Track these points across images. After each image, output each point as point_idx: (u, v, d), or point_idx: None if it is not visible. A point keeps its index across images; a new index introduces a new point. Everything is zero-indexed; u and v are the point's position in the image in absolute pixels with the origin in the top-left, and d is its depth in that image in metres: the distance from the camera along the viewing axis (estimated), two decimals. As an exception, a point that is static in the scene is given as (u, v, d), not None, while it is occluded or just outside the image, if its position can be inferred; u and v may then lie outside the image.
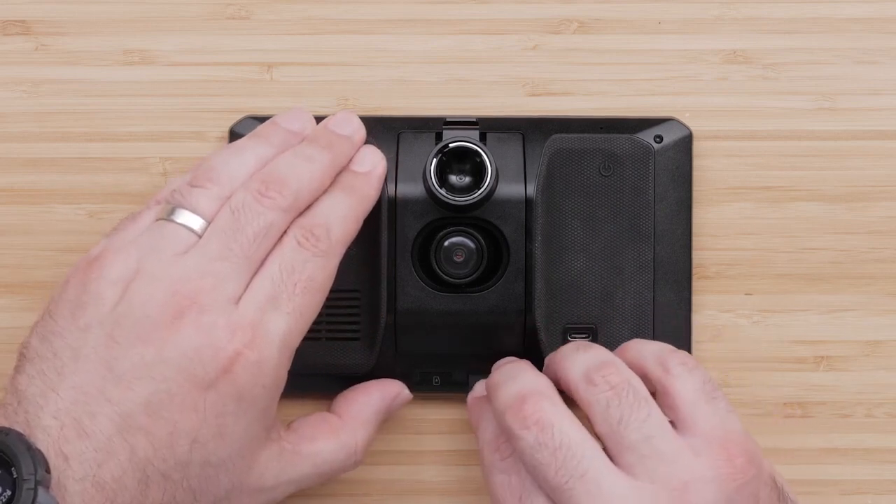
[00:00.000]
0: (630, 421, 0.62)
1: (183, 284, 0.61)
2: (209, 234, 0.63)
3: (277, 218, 0.63)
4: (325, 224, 0.64)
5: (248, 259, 0.62)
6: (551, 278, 0.69)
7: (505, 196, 0.68)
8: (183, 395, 0.60)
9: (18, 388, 0.61)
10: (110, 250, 0.63)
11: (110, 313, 0.61)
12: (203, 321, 0.61)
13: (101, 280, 0.62)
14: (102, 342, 0.61)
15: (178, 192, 0.64)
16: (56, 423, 0.60)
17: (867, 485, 0.71)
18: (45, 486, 0.58)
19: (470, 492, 0.71)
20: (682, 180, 0.70)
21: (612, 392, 0.62)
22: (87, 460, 0.59)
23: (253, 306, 0.62)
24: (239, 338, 0.61)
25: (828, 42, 0.71)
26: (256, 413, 0.62)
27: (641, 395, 0.62)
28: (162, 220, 0.63)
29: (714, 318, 0.71)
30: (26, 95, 0.71)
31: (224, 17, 0.72)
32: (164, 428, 0.60)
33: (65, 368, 0.61)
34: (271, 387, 0.62)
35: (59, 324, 0.62)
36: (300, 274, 0.63)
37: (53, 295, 0.63)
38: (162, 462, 0.60)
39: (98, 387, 0.60)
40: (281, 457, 0.65)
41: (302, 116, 0.67)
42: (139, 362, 0.60)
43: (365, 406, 0.68)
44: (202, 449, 0.61)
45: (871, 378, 0.71)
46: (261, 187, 0.63)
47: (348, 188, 0.66)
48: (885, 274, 0.71)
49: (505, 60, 0.72)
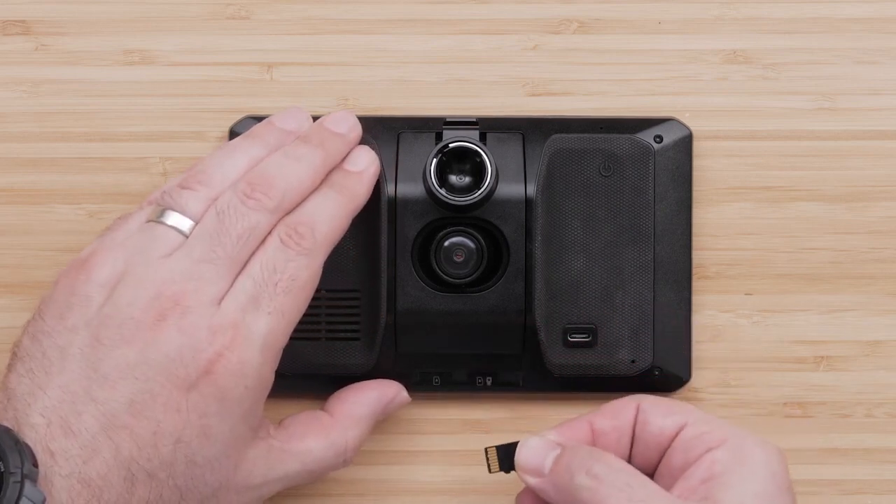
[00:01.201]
0: None
1: (167, 286, 0.62)
2: (195, 236, 0.63)
3: (263, 219, 0.63)
4: (311, 222, 0.64)
5: (232, 260, 0.63)
6: (551, 278, 0.69)
7: (505, 196, 0.68)
8: (165, 396, 0.61)
9: (8, 385, 0.62)
10: (99, 252, 0.63)
11: (96, 314, 0.62)
12: (185, 323, 0.61)
13: (88, 282, 0.63)
14: (88, 343, 0.61)
15: (168, 193, 0.64)
16: (43, 420, 0.61)
17: (867, 485, 0.71)
18: (32, 479, 0.59)
19: (470, 492, 0.71)
20: (682, 180, 0.70)
21: None
22: (72, 457, 0.60)
23: (234, 307, 0.62)
24: (219, 339, 0.61)
25: (828, 42, 0.71)
26: (241, 413, 0.63)
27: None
28: (151, 222, 0.64)
29: (714, 318, 0.71)
30: (26, 95, 0.71)
31: (224, 17, 0.72)
32: (147, 427, 0.61)
33: (52, 368, 0.62)
34: (255, 387, 0.63)
35: (49, 324, 0.62)
36: (282, 273, 0.63)
37: (45, 295, 0.64)
38: (147, 461, 0.61)
39: (84, 386, 0.61)
40: (269, 455, 0.65)
41: (298, 116, 0.67)
42: (123, 363, 0.61)
43: (357, 405, 0.68)
44: (186, 448, 0.61)
45: (871, 378, 0.71)
46: (247, 189, 0.63)
47: (338, 186, 0.66)
48: (885, 274, 0.71)
49: (505, 60, 0.72)
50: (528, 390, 0.70)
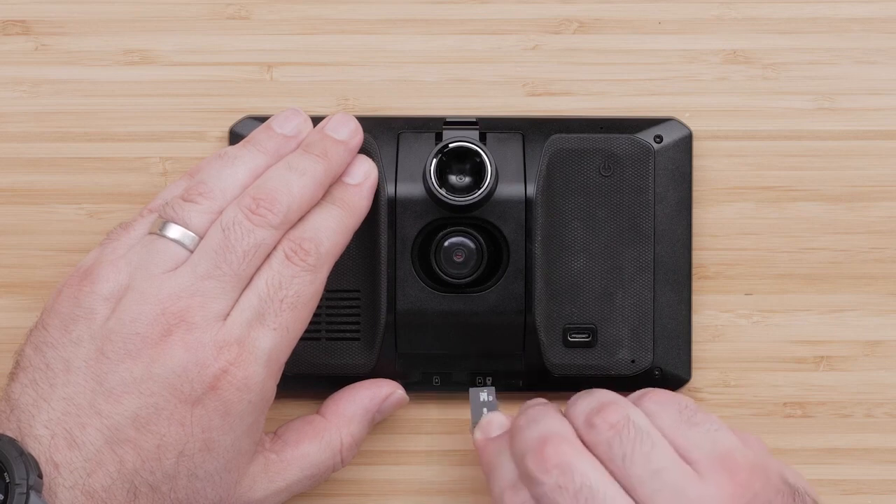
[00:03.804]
0: (634, 457, 0.61)
1: (172, 302, 0.62)
2: (199, 251, 0.63)
3: (268, 235, 0.63)
4: (315, 238, 0.64)
5: (238, 276, 0.63)
6: (551, 278, 0.69)
7: (505, 196, 0.68)
8: (170, 410, 0.61)
9: (11, 396, 0.62)
10: (102, 263, 0.64)
11: (101, 328, 0.62)
12: (190, 339, 0.62)
13: (92, 295, 0.63)
14: (93, 356, 0.62)
15: (169, 205, 0.64)
16: (47, 432, 0.61)
17: (867, 485, 0.71)
18: (37, 490, 0.59)
19: (469, 492, 0.71)
20: (682, 180, 0.70)
21: (612, 431, 0.62)
22: (76, 469, 0.61)
23: (239, 323, 0.62)
24: (225, 355, 0.62)
25: (828, 42, 0.71)
26: (244, 428, 0.63)
27: (643, 429, 0.62)
28: (154, 235, 0.64)
29: (714, 318, 0.71)
30: (26, 95, 0.71)
31: (224, 17, 0.72)
32: (151, 441, 0.61)
33: (56, 380, 0.62)
34: (258, 402, 0.63)
35: (52, 335, 0.63)
36: (287, 290, 0.63)
37: (47, 304, 0.64)
38: (150, 474, 0.61)
39: (88, 399, 0.61)
40: (267, 468, 0.65)
41: (297, 118, 0.67)
42: (128, 377, 0.61)
43: (350, 404, 0.69)
44: (189, 462, 0.62)
45: (871, 378, 0.71)
46: (251, 204, 0.63)
47: (339, 202, 0.66)
48: (885, 274, 0.71)
49: (505, 60, 0.72)
50: (528, 390, 0.70)
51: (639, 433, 0.62)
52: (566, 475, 0.61)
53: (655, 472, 0.61)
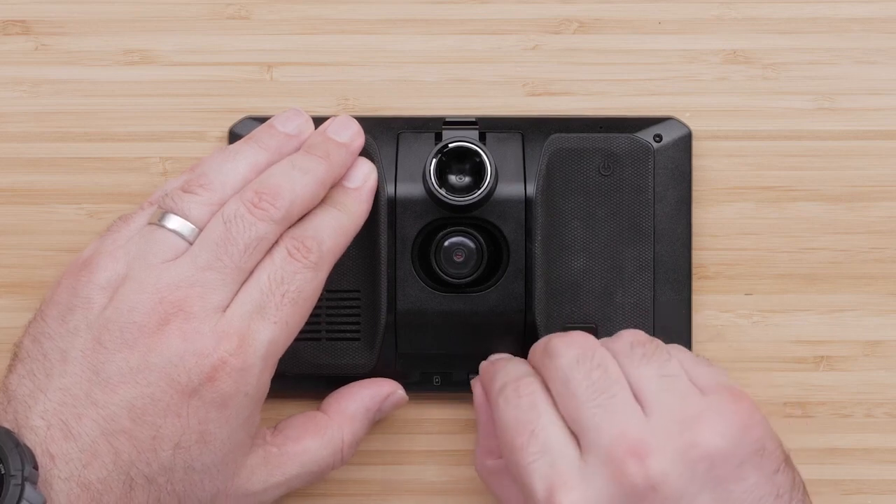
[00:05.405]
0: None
1: (170, 292, 0.62)
2: (200, 243, 0.63)
3: (269, 230, 0.63)
4: (317, 237, 0.64)
5: (239, 269, 0.63)
6: (551, 278, 0.70)
7: (505, 196, 0.68)
8: (166, 401, 0.61)
9: (9, 387, 0.62)
10: (101, 254, 0.64)
11: (98, 317, 0.62)
12: (188, 328, 0.61)
13: (90, 284, 0.63)
14: (90, 346, 0.62)
15: (169, 196, 0.64)
16: (43, 423, 0.61)
17: (867, 485, 0.71)
18: (32, 482, 0.59)
19: (469, 492, 0.71)
20: (682, 180, 0.70)
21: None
22: (72, 460, 0.60)
23: (239, 315, 0.62)
24: (224, 346, 0.62)
25: (828, 42, 0.71)
26: (240, 420, 0.63)
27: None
28: (153, 225, 0.64)
29: (714, 318, 0.71)
30: (26, 95, 0.71)
31: (224, 17, 0.72)
32: (146, 432, 0.61)
33: (53, 370, 0.62)
34: (254, 395, 0.63)
35: (50, 325, 0.63)
36: (289, 285, 0.63)
37: (46, 296, 0.64)
38: (146, 465, 0.61)
39: (84, 389, 0.61)
40: (267, 461, 0.65)
41: (298, 118, 0.67)
42: (124, 367, 0.61)
43: (351, 403, 0.69)
44: (185, 454, 0.62)
45: (871, 378, 0.71)
46: (254, 198, 0.63)
47: (340, 205, 0.66)
48: (885, 274, 0.71)
49: (505, 60, 0.72)
50: (528, 390, 0.70)
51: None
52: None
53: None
